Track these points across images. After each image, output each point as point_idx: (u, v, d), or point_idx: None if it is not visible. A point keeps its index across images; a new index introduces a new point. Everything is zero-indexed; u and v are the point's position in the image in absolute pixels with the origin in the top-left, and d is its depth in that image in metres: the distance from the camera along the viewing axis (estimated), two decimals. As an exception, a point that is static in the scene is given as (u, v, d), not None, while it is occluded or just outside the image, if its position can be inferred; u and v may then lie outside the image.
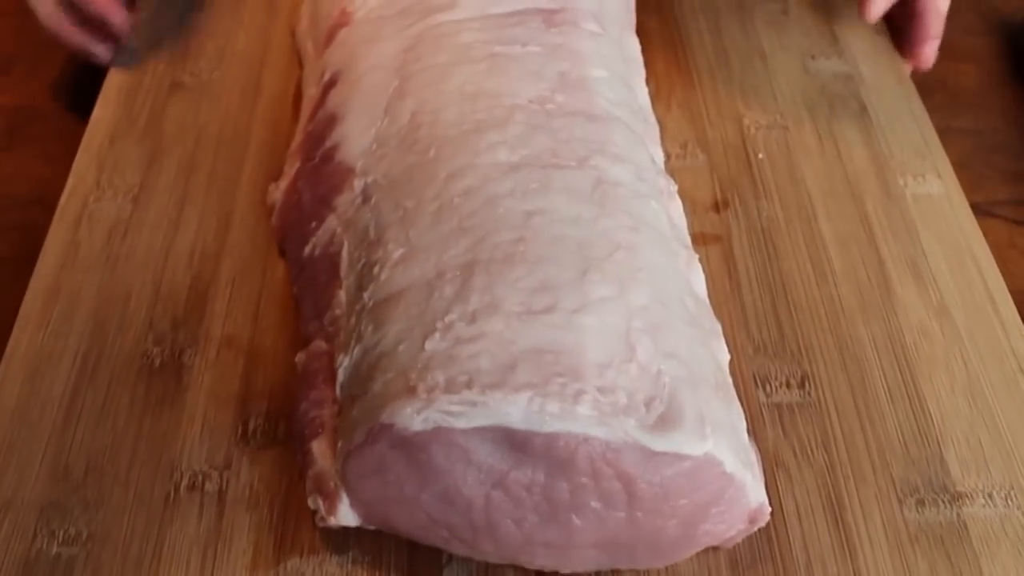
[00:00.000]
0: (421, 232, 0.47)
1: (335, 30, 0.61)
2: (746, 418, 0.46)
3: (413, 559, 0.47)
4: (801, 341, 0.55)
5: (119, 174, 0.62)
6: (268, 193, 0.59)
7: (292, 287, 0.54)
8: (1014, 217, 0.65)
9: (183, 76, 0.68)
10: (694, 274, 0.50)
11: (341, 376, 0.46)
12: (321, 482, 0.44)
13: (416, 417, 0.40)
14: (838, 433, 0.51)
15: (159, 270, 0.58)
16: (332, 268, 0.50)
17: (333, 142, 0.55)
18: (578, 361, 0.41)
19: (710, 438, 0.41)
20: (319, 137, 0.56)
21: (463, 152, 0.49)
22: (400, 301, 0.45)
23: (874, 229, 0.60)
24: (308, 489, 0.45)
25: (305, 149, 0.57)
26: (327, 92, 0.58)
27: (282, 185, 0.58)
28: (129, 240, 0.59)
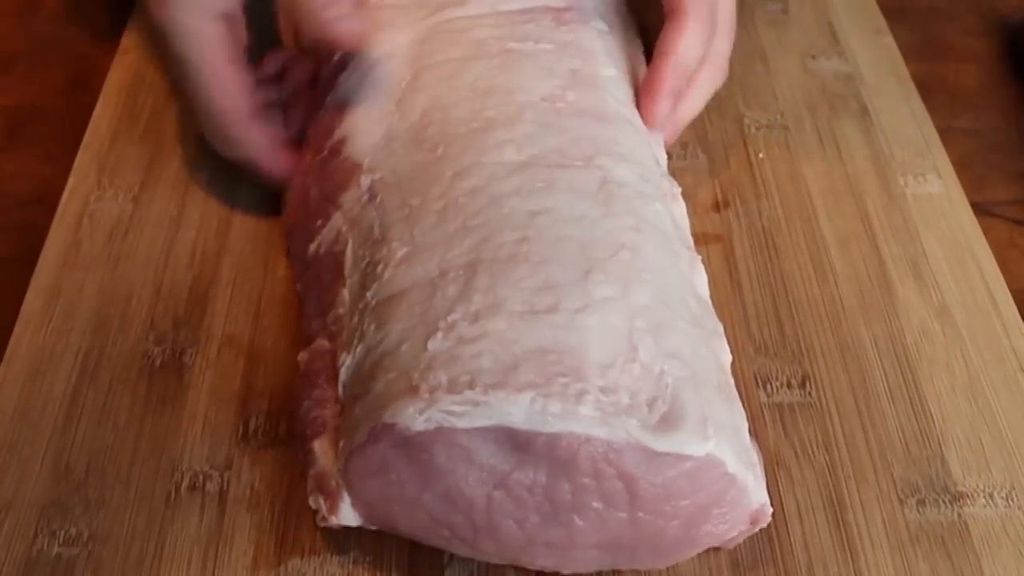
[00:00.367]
0: (425, 231, 0.47)
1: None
2: (747, 418, 0.45)
3: (414, 559, 0.47)
4: (802, 341, 0.55)
5: (120, 173, 0.62)
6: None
7: (296, 285, 0.54)
8: (1014, 217, 0.65)
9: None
10: (697, 275, 0.49)
11: (343, 375, 0.46)
12: (323, 482, 0.44)
13: (418, 417, 0.40)
14: (839, 433, 0.51)
15: (160, 269, 0.58)
16: (336, 266, 0.50)
17: (341, 135, 0.54)
18: (581, 361, 0.41)
19: (712, 439, 0.41)
20: (328, 128, 0.56)
21: (470, 150, 0.49)
22: (403, 300, 0.45)
23: (875, 229, 0.60)
24: (309, 489, 0.45)
25: (314, 140, 0.56)
26: (336, 75, 0.57)
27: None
28: (130, 239, 0.59)
